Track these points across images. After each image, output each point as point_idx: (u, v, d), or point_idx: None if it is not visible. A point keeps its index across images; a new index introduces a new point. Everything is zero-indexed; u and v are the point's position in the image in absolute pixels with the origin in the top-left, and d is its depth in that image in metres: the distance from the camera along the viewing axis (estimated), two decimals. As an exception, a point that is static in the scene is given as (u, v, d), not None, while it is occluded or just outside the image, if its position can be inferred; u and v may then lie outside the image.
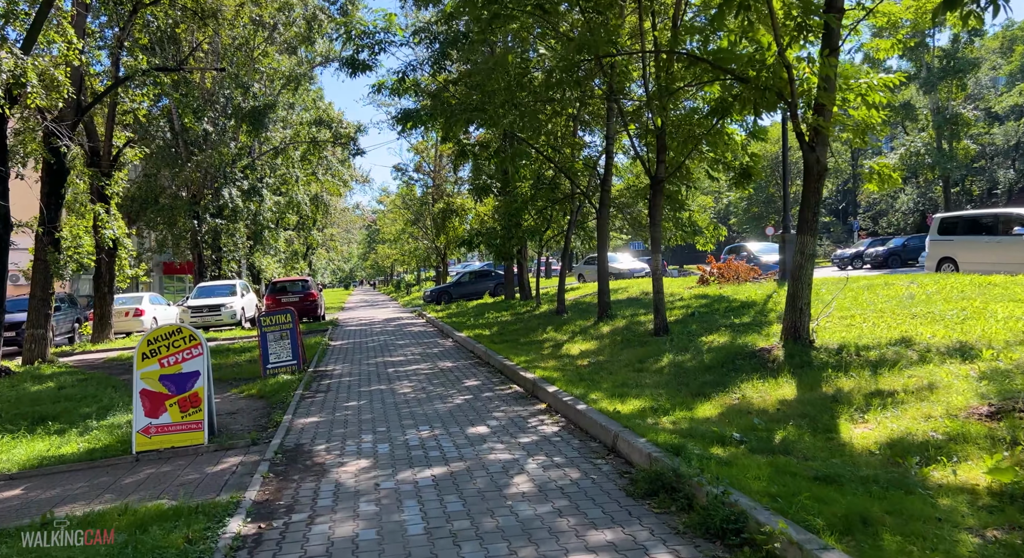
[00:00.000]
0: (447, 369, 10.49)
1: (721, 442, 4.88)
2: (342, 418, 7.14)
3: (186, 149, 28.04)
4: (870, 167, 8.50)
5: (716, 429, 5.15)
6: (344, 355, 13.30)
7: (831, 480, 3.91)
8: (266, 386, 9.74)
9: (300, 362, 11.08)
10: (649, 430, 5.30)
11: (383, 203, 56.64)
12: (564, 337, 12.37)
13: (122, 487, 5.22)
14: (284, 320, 11.24)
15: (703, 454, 4.51)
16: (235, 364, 12.49)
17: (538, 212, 14.69)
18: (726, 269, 18.17)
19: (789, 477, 4.00)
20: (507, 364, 9.62)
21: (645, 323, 12.02)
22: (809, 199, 7.75)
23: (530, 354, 10.65)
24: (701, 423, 5.60)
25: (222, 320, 19.58)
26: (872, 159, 42.86)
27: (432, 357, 12.22)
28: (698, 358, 8.33)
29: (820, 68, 7.49)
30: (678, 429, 5.39)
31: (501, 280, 29.56)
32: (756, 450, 4.67)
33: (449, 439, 5.99)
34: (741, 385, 6.66)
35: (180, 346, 6.38)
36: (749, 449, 4.71)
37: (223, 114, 29.32)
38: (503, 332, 14.31)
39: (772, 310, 11.22)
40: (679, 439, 4.96)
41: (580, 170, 13.37)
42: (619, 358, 9.42)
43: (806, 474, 4.04)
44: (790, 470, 4.13)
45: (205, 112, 28.07)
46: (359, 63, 11.18)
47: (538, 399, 7.62)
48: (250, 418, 7.74)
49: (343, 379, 10.10)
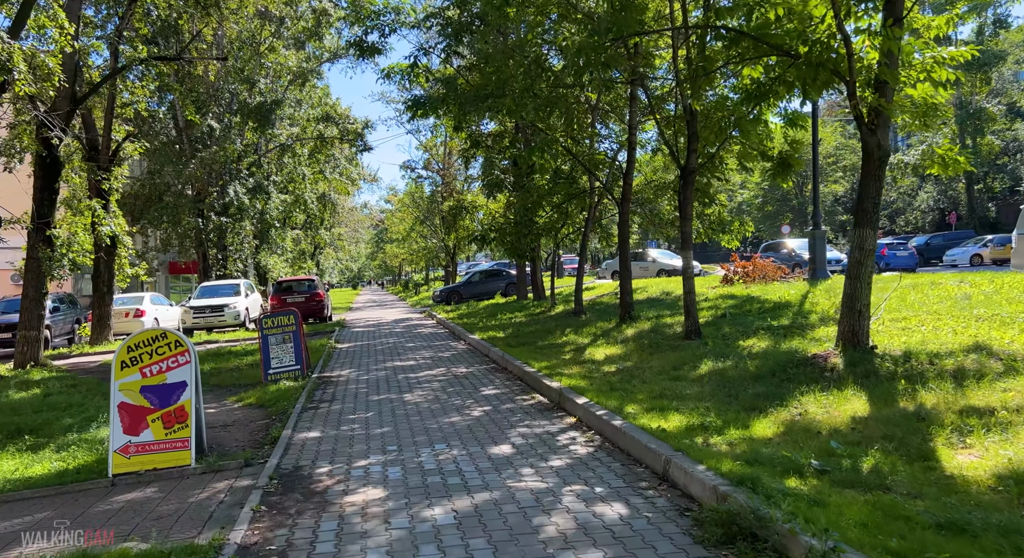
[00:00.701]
0: (462, 375, 9.71)
1: (798, 472, 4.09)
2: (347, 433, 6.38)
3: (191, 146, 27.42)
4: (933, 151, 7.66)
5: (787, 453, 4.35)
6: (351, 359, 12.55)
7: (959, 529, 3.10)
8: (266, 394, 9.00)
9: (304, 367, 10.34)
10: (706, 454, 4.50)
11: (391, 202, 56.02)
12: (585, 340, 11.58)
13: (91, 518, 4.48)
14: (287, 322, 10.50)
15: (782, 488, 3.72)
16: (235, 369, 11.77)
17: (554, 208, 13.90)
18: (751, 267, 17.33)
19: (903, 523, 3.20)
20: (527, 370, 8.84)
21: (672, 325, 11.22)
22: (869, 188, 6.93)
23: (550, 359, 9.86)
24: (763, 445, 4.80)
25: (225, 321, 18.90)
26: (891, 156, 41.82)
27: (445, 361, 11.45)
28: (741, 365, 7.52)
29: (882, 40, 6.66)
30: (739, 453, 4.59)
31: (513, 280, 28.77)
32: (844, 483, 3.87)
33: (470, 461, 5.21)
34: (800, 398, 5.85)
35: (164, 353, 5.63)
36: (834, 481, 3.91)
37: (228, 110, 28.69)
38: (518, 334, 13.53)
39: (811, 311, 10.40)
40: (746, 467, 4.16)
41: (601, 162, 12.56)
42: (650, 364, 8.62)
43: (922, 520, 3.23)
44: (900, 513, 3.33)
45: (210, 108, 27.46)
46: (368, 46, 10.43)
47: (566, 412, 6.83)
48: (246, 432, 6.99)
49: (350, 386, 9.35)
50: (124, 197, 27.91)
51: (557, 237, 15.61)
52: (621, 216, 12.70)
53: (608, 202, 15.93)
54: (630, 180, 12.72)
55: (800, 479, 3.97)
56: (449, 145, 39.21)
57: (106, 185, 15.08)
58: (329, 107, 33.97)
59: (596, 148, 12.90)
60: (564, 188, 13.09)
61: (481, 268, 38.22)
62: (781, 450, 4.54)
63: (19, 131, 14.93)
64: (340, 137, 33.26)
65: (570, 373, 8.46)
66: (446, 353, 12.60)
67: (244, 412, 8.17)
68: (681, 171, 10.10)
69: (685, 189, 9.97)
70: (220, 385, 10.34)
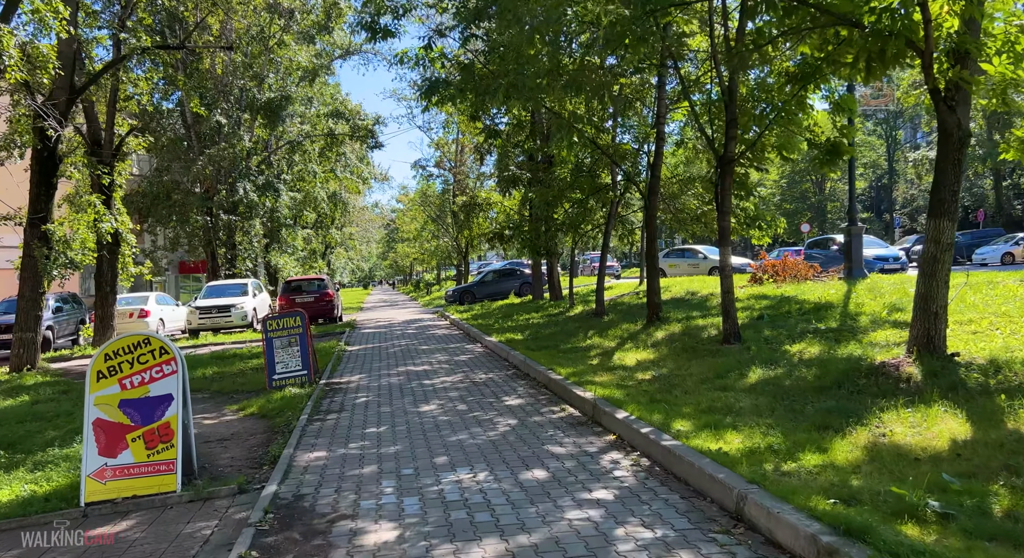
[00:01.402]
0: (481, 383, 8.95)
1: (913, 515, 3.29)
2: (356, 453, 5.63)
3: (199, 142, 26.87)
4: (1011, 135, 6.82)
5: (895, 489, 3.55)
6: (361, 363, 11.84)
7: None
8: (270, 402, 8.30)
9: (311, 372, 9.64)
10: (789, 489, 3.72)
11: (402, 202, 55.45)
12: (611, 344, 10.80)
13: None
14: (293, 324, 9.80)
15: (905, 542, 2.93)
16: (239, 373, 11.09)
17: (576, 203, 13.12)
18: (781, 266, 16.46)
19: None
20: (553, 378, 8.07)
21: (706, 328, 10.41)
22: (948, 173, 6.10)
23: (576, 364, 9.09)
24: (851, 474, 4.01)
25: (232, 322, 18.25)
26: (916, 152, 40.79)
27: (461, 366, 10.70)
28: (796, 374, 6.71)
29: (964, 5, 5.84)
30: (827, 486, 3.80)
31: (527, 279, 28.00)
32: (979, 533, 3.07)
33: (499, 490, 4.45)
34: (880, 415, 5.04)
35: (148, 362, 4.91)
36: (965, 531, 3.11)
37: (237, 107, 28.12)
38: (538, 337, 12.76)
39: (860, 313, 9.56)
40: (845, 508, 3.37)
41: (628, 153, 11.77)
42: (689, 371, 7.83)
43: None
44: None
45: (218, 104, 26.90)
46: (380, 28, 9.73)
47: (602, 427, 6.06)
48: (244, 448, 6.28)
49: (360, 395, 8.61)
50: (131, 195, 27.43)
51: (577, 234, 14.84)
52: (648, 211, 11.91)
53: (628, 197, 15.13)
54: (658, 172, 11.92)
55: (920, 526, 3.18)
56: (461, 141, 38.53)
57: (106, 180, 14.45)
58: (339, 103, 33.34)
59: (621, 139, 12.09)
60: (587, 182, 12.30)
61: (494, 267, 37.46)
62: (879, 483, 3.74)
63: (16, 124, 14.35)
64: (351, 134, 32.64)
65: (601, 381, 7.68)
66: (462, 357, 11.86)
67: (244, 423, 7.46)
68: (718, 161, 9.29)
69: (723, 180, 9.15)
70: (222, 392, 9.66)
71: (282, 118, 29.00)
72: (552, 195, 12.51)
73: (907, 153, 51.51)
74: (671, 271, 23.70)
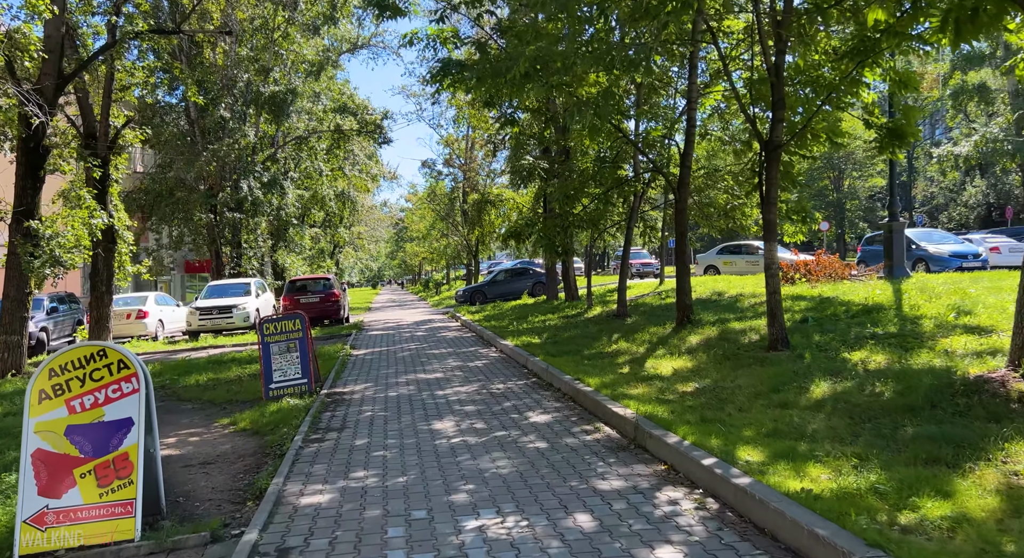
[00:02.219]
0: (500, 394, 8.04)
1: None
2: (358, 486, 4.71)
3: (203, 138, 26.13)
4: None
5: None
6: (368, 369, 10.95)
7: None
8: (264, 415, 7.42)
9: (312, 380, 8.76)
10: (924, 555, 2.78)
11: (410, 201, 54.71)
12: (640, 349, 9.86)
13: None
14: (292, 327, 8.92)
15: None
16: (235, 380, 10.23)
17: (598, 196, 12.17)
18: (814, 264, 15.47)
19: None
20: (582, 390, 7.15)
21: (745, 332, 9.46)
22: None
23: (605, 373, 8.17)
24: (995, 532, 3.07)
25: (234, 323, 17.41)
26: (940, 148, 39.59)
27: (476, 373, 9.79)
28: (870, 389, 5.76)
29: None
30: (976, 553, 2.86)
31: (540, 278, 27.08)
32: None
33: (535, 545, 3.53)
34: (1004, 446, 4.09)
35: (103, 379, 4.03)
36: None
37: (241, 101, 27.35)
38: (557, 340, 11.84)
39: (920, 316, 8.58)
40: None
41: (657, 140, 10.82)
42: (736, 383, 6.89)
43: None
44: None
45: (222, 98, 26.14)
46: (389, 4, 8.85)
47: (648, 453, 5.13)
48: (229, 474, 5.39)
49: (365, 408, 7.72)
50: (134, 192, 26.74)
51: (598, 230, 13.89)
52: (678, 204, 10.96)
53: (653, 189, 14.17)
54: (688, 162, 10.97)
55: None
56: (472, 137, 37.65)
57: (97, 173, 13.62)
58: (347, 97, 32.51)
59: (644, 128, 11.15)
60: (610, 173, 11.35)
61: (505, 266, 36.51)
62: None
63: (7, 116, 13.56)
64: (358, 130, 31.81)
65: (638, 394, 6.75)
66: (477, 363, 10.95)
67: (233, 441, 6.58)
68: (764, 147, 8.33)
69: (770, 167, 8.19)
70: (213, 402, 8.80)
71: (288, 113, 28.21)
72: (572, 188, 11.55)
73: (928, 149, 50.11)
74: (726, 269, 21.82)
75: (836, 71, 8.05)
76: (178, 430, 7.26)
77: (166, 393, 9.66)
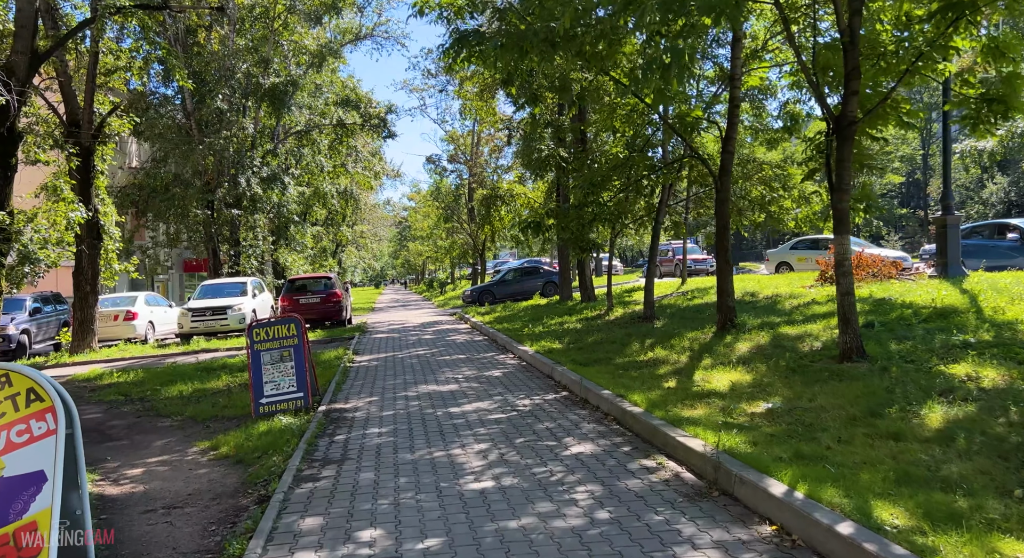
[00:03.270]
0: (527, 412, 6.87)
1: None
2: (365, 554, 3.54)
3: (199, 130, 25.01)
4: None
5: None
6: (372, 379, 9.79)
7: None
8: (251, 438, 6.29)
9: (308, 394, 7.61)
10: None
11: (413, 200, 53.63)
12: (680, 358, 8.67)
13: None
14: (286, 333, 7.78)
15: None
16: (223, 391, 9.09)
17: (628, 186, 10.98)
18: (855, 262, 14.27)
19: None
20: (630, 410, 5.98)
21: (803, 338, 8.29)
22: None
23: (648, 387, 7.01)
24: None
25: (229, 325, 16.25)
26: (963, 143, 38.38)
27: (495, 385, 8.62)
28: (1004, 415, 4.58)
29: None
30: None
31: (552, 278, 25.92)
32: None
33: None
34: None
35: (3, 417, 2.87)
36: None
37: (240, 92, 26.23)
38: (582, 346, 10.67)
39: (1016, 321, 7.39)
40: None
41: (694, 122, 9.64)
42: (816, 403, 5.71)
43: None
44: None
45: (220, 88, 25.01)
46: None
47: (739, 503, 3.96)
48: (200, 522, 4.24)
49: (369, 431, 6.55)
50: (128, 187, 25.64)
51: (623, 223, 12.71)
52: (720, 193, 9.79)
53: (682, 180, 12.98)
54: (731, 147, 9.80)
55: None
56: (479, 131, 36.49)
57: (74, 162, 12.50)
58: (350, 90, 31.38)
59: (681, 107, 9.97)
60: (640, 160, 10.17)
61: (513, 265, 35.35)
62: None
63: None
64: (362, 123, 30.67)
65: (698, 417, 5.59)
66: (494, 372, 9.78)
67: (211, 473, 5.43)
68: (834, 124, 7.14)
69: (841, 148, 7.00)
70: (196, 418, 7.66)
71: (288, 105, 27.10)
72: (600, 175, 10.35)
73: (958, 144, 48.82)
74: (800, 265, 19.66)
75: (922, 33, 6.88)
76: (148, 457, 6.12)
77: (143, 407, 8.52)
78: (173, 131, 24.07)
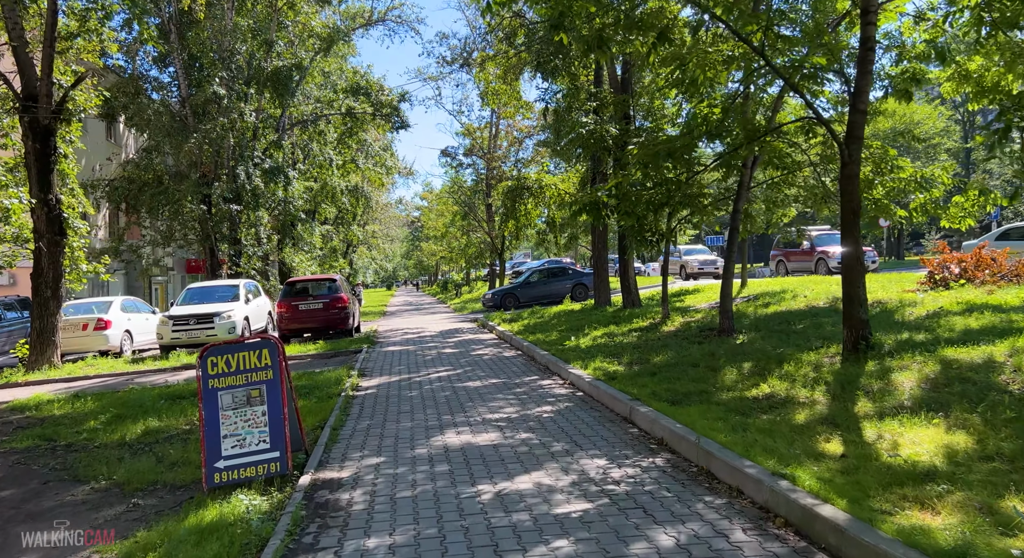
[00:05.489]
0: (620, 494, 4.37)
1: None
2: None
3: (194, 117, 22.75)
4: None
5: None
6: (381, 421, 7.31)
7: None
8: (184, 542, 3.86)
9: (287, 452, 5.19)
10: None
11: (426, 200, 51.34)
12: (815, 395, 6.13)
13: None
14: (256, 363, 5.40)
15: None
16: (180, 436, 6.69)
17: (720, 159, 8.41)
18: (971, 263, 11.69)
19: None
20: (824, 515, 3.48)
21: (992, 367, 5.77)
22: None
23: (804, 454, 4.53)
24: None
25: (216, 336, 13.81)
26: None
27: (552, 433, 6.12)
28: None
29: None
30: None
31: (581, 280, 23.43)
32: None
33: None
34: None
35: None
36: None
37: (240, 76, 23.96)
38: (652, 370, 8.17)
39: None
40: None
41: (816, 69, 7.11)
42: None
43: None
44: None
45: (217, 71, 22.76)
46: None
47: None
48: None
49: (373, 534, 4.07)
50: (117, 180, 23.43)
51: (704, 207, 10.19)
52: (845, 168, 7.26)
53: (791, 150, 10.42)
54: (863, 105, 7.28)
55: None
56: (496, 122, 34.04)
57: (8, 142, 10.16)
58: (360, 76, 29.06)
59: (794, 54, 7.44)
60: (739, 124, 7.60)
61: (533, 266, 32.90)
62: None
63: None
64: (372, 112, 28.33)
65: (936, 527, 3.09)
66: (544, 408, 7.29)
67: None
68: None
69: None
70: (124, 488, 5.27)
71: (292, 91, 24.83)
72: (683, 143, 7.68)
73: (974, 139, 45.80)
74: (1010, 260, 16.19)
75: None
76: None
77: (63, 463, 6.13)
78: (165, 117, 21.83)
